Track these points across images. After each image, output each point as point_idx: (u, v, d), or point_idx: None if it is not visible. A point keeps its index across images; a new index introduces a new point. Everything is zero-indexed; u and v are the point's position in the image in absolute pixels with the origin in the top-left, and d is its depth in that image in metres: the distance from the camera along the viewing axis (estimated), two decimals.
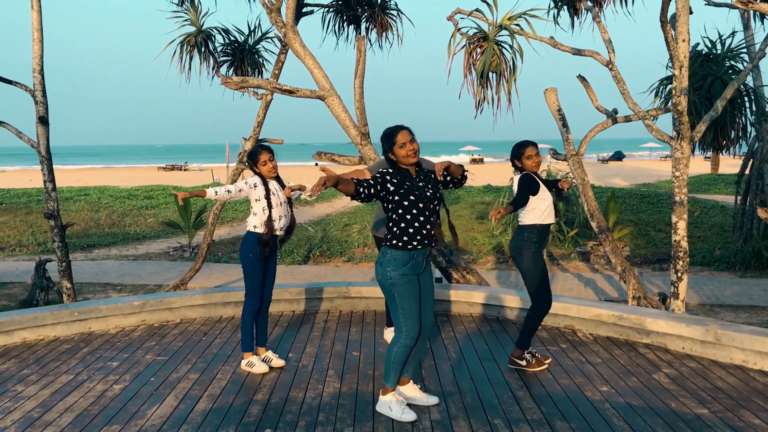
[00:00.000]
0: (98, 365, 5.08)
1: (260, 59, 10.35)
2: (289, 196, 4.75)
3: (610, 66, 7.19)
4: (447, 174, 3.99)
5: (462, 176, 4.03)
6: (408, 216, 3.86)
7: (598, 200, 16.91)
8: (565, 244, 13.51)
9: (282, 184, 5.02)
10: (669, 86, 10.37)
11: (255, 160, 4.86)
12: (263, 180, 4.89)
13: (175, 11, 9.96)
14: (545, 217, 4.69)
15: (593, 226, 7.56)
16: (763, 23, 9.07)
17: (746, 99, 10.51)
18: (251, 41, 10.26)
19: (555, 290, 5.06)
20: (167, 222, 15.31)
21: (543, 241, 4.74)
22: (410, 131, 3.91)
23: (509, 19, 7.49)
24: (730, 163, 40.13)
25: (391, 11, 9.78)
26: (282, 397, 4.36)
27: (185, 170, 58.70)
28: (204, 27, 10.04)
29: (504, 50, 7.64)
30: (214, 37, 10.09)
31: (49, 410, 4.19)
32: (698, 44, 10.76)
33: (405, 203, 3.85)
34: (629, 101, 7.11)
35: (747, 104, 10.55)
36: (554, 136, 9.33)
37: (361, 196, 3.72)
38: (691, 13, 6.64)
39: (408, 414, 3.96)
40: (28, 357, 5.31)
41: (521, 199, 4.67)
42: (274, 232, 4.87)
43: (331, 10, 9.74)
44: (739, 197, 12.24)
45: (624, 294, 9.38)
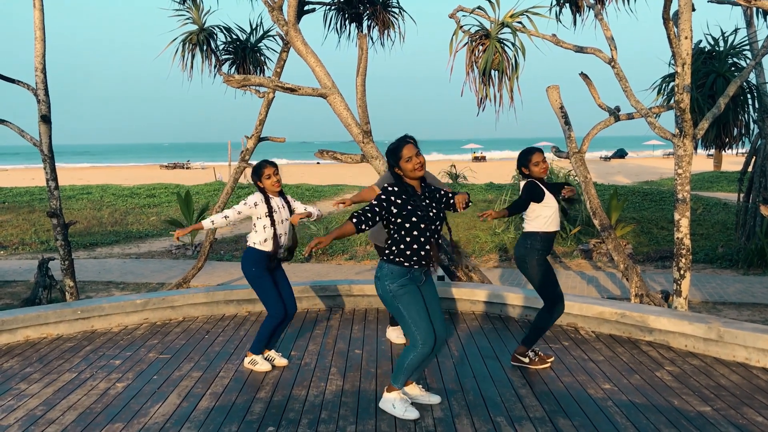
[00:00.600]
0: (101, 363, 5.09)
1: (262, 57, 10.36)
2: (295, 223, 4.68)
3: (613, 63, 7.18)
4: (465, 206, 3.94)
5: (466, 205, 3.94)
6: (408, 238, 3.82)
7: (600, 198, 16.89)
8: (568, 241, 13.50)
9: (286, 200, 4.94)
10: (671, 83, 10.35)
11: (259, 174, 4.80)
12: (265, 197, 4.81)
13: (177, 9, 9.97)
14: (549, 224, 4.64)
15: (596, 224, 7.56)
16: (766, 20, 9.04)
17: (749, 96, 10.49)
18: (253, 39, 10.27)
19: None
20: (170, 220, 15.32)
21: (547, 249, 4.68)
22: (415, 144, 3.87)
23: (511, 16, 7.48)
24: (733, 161, 40.06)
25: (393, 9, 9.77)
26: (285, 395, 4.37)
27: (187, 168, 58.72)
28: (206, 25, 10.05)
29: (506, 48, 7.64)
30: (216, 35, 10.10)
31: (52, 408, 4.20)
32: (701, 41, 10.74)
33: (407, 225, 3.81)
34: (632, 99, 7.10)
35: (750, 101, 10.53)
36: (556, 134, 9.32)
37: (364, 230, 3.77)
38: (693, 10, 6.63)
39: (411, 412, 3.96)
40: (32, 355, 5.32)
41: (520, 205, 4.61)
42: (279, 248, 4.82)
43: (333, 7, 9.74)
44: (742, 194, 12.22)
45: (626, 292, 9.37)
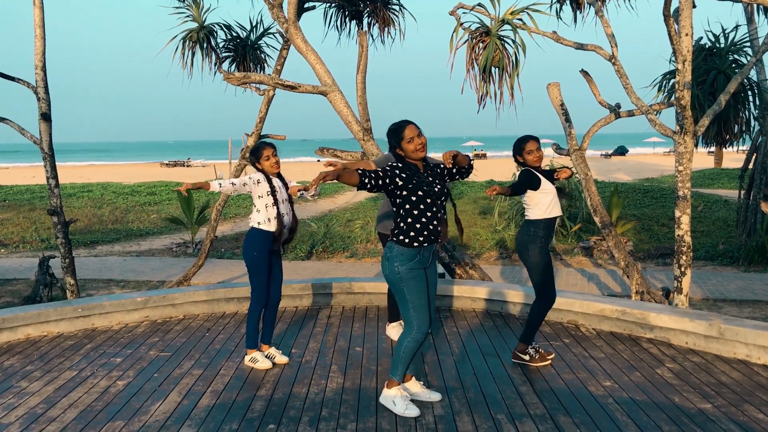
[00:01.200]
0: (102, 361, 5.09)
1: (262, 55, 10.35)
2: (294, 195, 4.73)
3: (613, 60, 7.17)
4: (454, 163, 3.98)
5: (469, 165, 4.03)
6: (415, 211, 3.85)
7: (601, 195, 16.87)
8: (569, 239, 13.49)
9: (284, 182, 5.00)
10: (672, 80, 10.34)
11: (257, 156, 4.84)
12: (266, 176, 4.87)
13: (177, 7, 9.96)
14: (550, 210, 4.70)
15: (596, 221, 7.56)
16: (767, 16, 9.03)
17: (750, 93, 10.47)
18: (253, 37, 10.26)
19: (558, 285, 5.05)
20: (170, 218, 15.33)
21: (549, 235, 4.74)
22: (416, 126, 3.92)
23: (512, 13, 7.47)
24: (734, 158, 40.06)
25: (393, 6, 9.76)
26: (285, 393, 4.37)
27: (188, 166, 58.76)
28: (206, 23, 10.04)
29: (507, 45, 7.63)
30: (216, 33, 10.09)
31: (53, 406, 4.20)
32: (701, 38, 10.73)
33: (413, 198, 3.84)
34: (632, 96, 7.09)
35: (750, 98, 10.51)
36: (557, 131, 9.31)
37: (367, 186, 3.69)
38: (694, 6, 6.62)
39: (411, 409, 3.96)
40: (32, 353, 5.33)
41: (518, 186, 4.71)
42: (284, 227, 4.85)
43: (333, 5, 9.72)
44: (743, 191, 12.21)
45: (627, 289, 9.37)
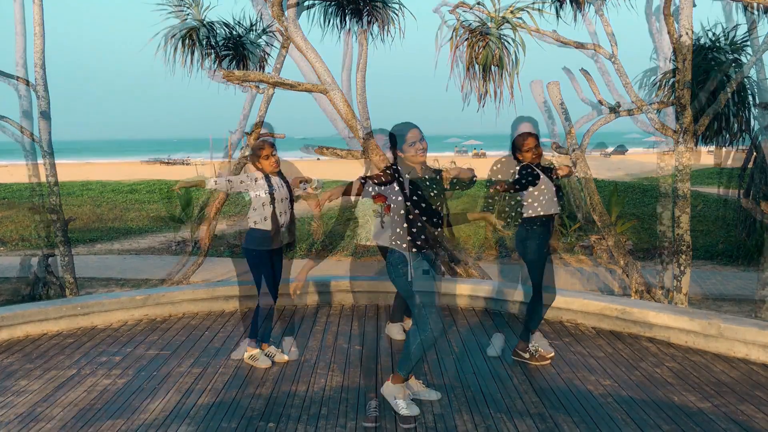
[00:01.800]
0: (101, 360, 5.09)
1: (262, 53, 10.33)
2: (296, 187, 4.73)
3: (613, 59, 7.17)
4: (456, 182, 4.02)
5: (471, 181, 4.04)
6: (411, 216, 3.89)
7: (600, 194, 16.84)
8: (568, 238, 13.49)
9: (284, 180, 4.99)
10: (672, 79, 10.33)
11: (257, 154, 4.84)
12: (265, 175, 4.85)
13: (176, 5, 9.94)
14: (548, 207, 4.68)
15: (596, 220, 7.55)
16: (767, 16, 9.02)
17: (749, 92, 10.46)
18: (252, 35, 10.24)
19: (557, 284, 5.05)
20: (170, 216, 15.33)
21: (547, 232, 4.72)
22: (420, 130, 3.95)
23: (512, 12, 7.46)
24: (733, 157, 40.01)
25: (393, 5, 9.74)
26: (284, 392, 4.37)
27: (187, 164, 58.70)
28: (205, 21, 10.01)
29: (506, 43, 7.61)
30: (216, 31, 10.06)
31: (53, 404, 4.20)
32: (701, 37, 10.71)
33: (408, 203, 3.89)
34: (632, 94, 7.09)
35: (750, 97, 10.50)
36: (557, 129, 9.30)
37: (370, 189, 3.86)
38: (694, 6, 6.62)
39: (412, 408, 3.96)
40: (32, 351, 5.32)
41: (518, 183, 4.67)
42: (279, 227, 4.85)
43: (333, 3, 9.71)
44: (742, 191, 12.20)
45: (627, 288, 9.37)
